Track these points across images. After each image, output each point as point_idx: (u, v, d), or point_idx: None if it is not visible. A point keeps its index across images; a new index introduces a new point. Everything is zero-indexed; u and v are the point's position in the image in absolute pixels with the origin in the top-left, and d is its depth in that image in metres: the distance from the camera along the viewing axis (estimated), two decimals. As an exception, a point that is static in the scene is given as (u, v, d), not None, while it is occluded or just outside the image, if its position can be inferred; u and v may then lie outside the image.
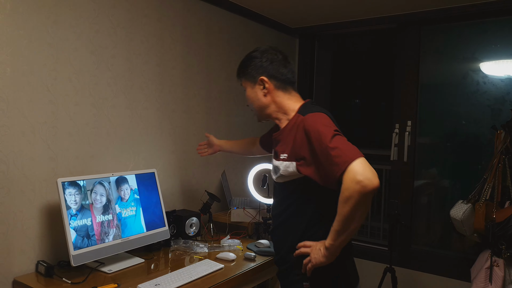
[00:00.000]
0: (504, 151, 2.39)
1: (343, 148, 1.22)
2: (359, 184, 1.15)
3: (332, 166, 1.22)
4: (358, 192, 1.16)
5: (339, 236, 1.24)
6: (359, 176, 1.15)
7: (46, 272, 1.69)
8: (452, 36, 3.04)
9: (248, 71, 1.50)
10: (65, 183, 1.69)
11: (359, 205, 1.17)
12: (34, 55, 1.74)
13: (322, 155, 1.25)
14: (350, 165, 1.17)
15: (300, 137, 1.33)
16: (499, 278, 2.28)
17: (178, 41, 2.43)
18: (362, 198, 1.16)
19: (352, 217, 1.20)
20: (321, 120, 1.32)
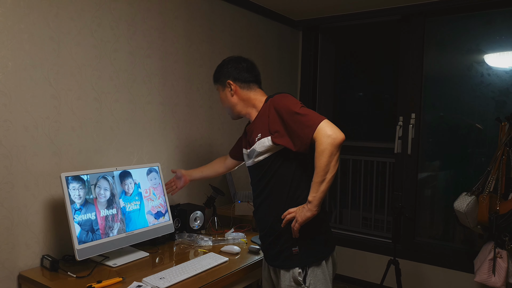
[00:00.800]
0: (508, 143, 2.39)
1: (310, 114, 1.49)
2: (330, 138, 1.43)
3: (305, 129, 1.47)
4: (330, 144, 1.43)
5: (319, 186, 1.47)
6: (328, 131, 1.43)
7: (51, 266, 1.69)
8: (456, 27, 3.02)
9: (218, 77, 1.77)
10: (69, 177, 1.69)
11: (332, 155, 1.43)
12: (36, 49, 1.73)
13: (294, 123, 1.50)
14: (319, 125, 1.45)
15: (272, 115, 1.58)
16: (502, 270, 2.28)
17: (181, 35, 2.41)
18: (334, 149, 1.43)
19: (327, 166, 1.44)
20: (287, 97, 1.61)
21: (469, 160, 3.02)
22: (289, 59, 3.49)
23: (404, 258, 3.04)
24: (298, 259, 1.57)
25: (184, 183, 2.18)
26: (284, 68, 3.44)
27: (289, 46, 3.49)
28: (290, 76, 3.53)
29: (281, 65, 3.38)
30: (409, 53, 3.07)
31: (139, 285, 1.56)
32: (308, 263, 1.57)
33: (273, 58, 3.29)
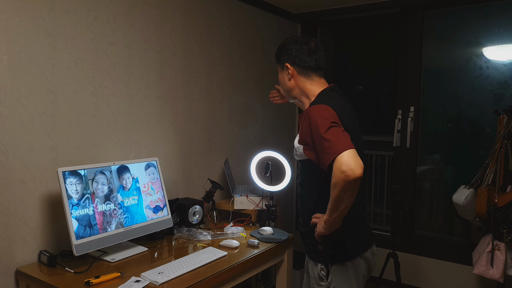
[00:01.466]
0: (506, 135, 2.38)
1: (334, 140, 1.38)
2: (343, 174, 1.33)
3: (324, 155, 1.40)
4: (342, 180, 1.33)
5: (332, 213, 1.43)
6: (343, 166, 1.33)
7: (48, 262, 1.69)
8: (455, 20, 3.00)
9: (278, 57, 1.69)
10: (66, 172, 1.68)
11: (344, 191, 1.35)
12: (31, 43, 1.71)
13: (318, 144, 1.43)
14: (338, 156, 1.34)
15: (306, 125, 1.49)
16: (500, 262, 2.29)
17: (178, 28, 2.39)
18: (347, 185, 1.34)
19: (340, 199, 1.38)
20: (321, 112, 1.46)
21: (468, 153, 3.02)
22: (287, 52, 3.46)
23: (403, 251, 3.05)
24: (322, 257, 1.60)
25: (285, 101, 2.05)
26: (282, 62, 3.42)
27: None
28: (288, 70, 3.51)
29: (279, 59, 3.35)
30: (408, 46, 3.05)
31: (138, 280, 1.55)
32: (330, 262, 1.60)
33: (272, 52, 3.26)
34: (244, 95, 2.98)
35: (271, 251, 2.02)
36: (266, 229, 2.15)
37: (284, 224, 3.52)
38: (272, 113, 3.32)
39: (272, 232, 2.15)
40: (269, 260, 2.05)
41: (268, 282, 2.69)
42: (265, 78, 3.21)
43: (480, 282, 2.83)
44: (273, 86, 3.36)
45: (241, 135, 2.97)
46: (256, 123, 3.13)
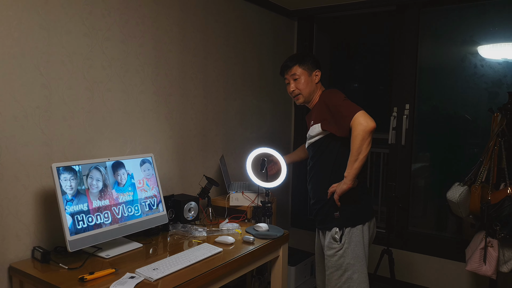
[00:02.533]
0: (500, 133, 2.40)
1: (350, 105, 1.87)
2: (361, 125, 1.78)
3: (344, 118, 1.85)
4: (362, 130, 1.78)
5: (353, 164, 1.83)
6: (361, 120, 1.79)
7: (42, 258, 1.67)
8: (450, 18, 3.01)
9: (308, 62, 2.08)
10: (60, 168, 1.66)
11: (363, 140, 1.79)
12: (25, 37, 1.69)
13: (336, 113, 1.89)
14: (356, 114, 1.80)
15: (323, 105, 1.97)
16: (493, 258, 2.30)
17: (175, 24, 2.38)
18: (365, 134, 1.78)
19: (360, 148, 1.80)
20: (335, 91, 2.01)
21: (462, 151, 3.04)
22: (283, 49, 3.46)
23: (397, 248, 3.07)
24: (337, 221, 1.96)
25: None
26: (279, 59, 3.41)
27: (284, 36, 3.47)
28: (284, 67, 3.50)
29: (275, 55, 3.35)
30: (403, 44, 3.06)
31: (132, 276, 1.55)
32: (345, 225, 1.95)
33: (268, 48, 3.26)
34: (240, 91, 2.97)
35: (266, 248, 2.02)
36: (261, 226, 2.15)
37: (279, 220, 3.52)
38: (268, 109, 3.32)
39: (268, 228, 2.15)
40: (264, 256, 2.05)
41: (263, 278, 2.69)
42: (261, 75, 3.20)
43: (473, 278, 2.85)
44: (270, 82, 3.36)
45: (237, 131, 2.97)
46: (252, 119, 3.12)
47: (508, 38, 2.79)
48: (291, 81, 2.09)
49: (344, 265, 1.93)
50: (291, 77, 2.09)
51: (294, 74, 2.07)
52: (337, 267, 1.94)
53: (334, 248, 1.94)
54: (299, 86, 2.07)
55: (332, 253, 1.95)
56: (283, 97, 3.52)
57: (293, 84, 2.09)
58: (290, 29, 3.55)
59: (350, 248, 1.93)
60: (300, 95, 2.08)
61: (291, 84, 2.09)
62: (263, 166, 2.37)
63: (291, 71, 2.08)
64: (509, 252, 2.32)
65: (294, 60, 2.08)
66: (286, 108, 3.58)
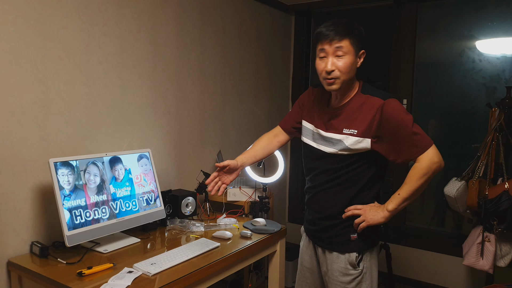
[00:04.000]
0: (498, 128, 2.40)
1: (423, 134, 1.50)
2: (435, 164, 1.48)
3: (412, 148, 1.48)
4: (433, 170, 1.48)
5: (404, 202, 1.53)
6: (436, 158, 1.48)
7: (40, 253, 1.68)
8: (449, 13, 3.00)
9: (359, 39, 1.54)
10: (58, 163, 1.66)
11: (429, 179, 1.50)
12: (21, 32, 1.68)
13: (404, 137, 1.48)
14: (430, 148, 1.48)
15: (381, 120, 1.50)
16: (490, 253, 2.32)
17: (171, 18, 2.37)
18: (433, 175, 1.49)
19: (421, 188, 1.51)
20: (400, 106, 1.53)
21: (460, 145, 3.04)
22: (281, 44, 3.46)
23: (394, 242, 3.08)
24: (356, 245, 1.62)
25: (236, 175, 1.75)
26: (276, 53, 3.41)
27: (282, 30, 3.46)
28: (282, 61, 3.50)
29: (273, 50, 3.34)
30: (401, 39, 3.05)
31: (130, 271, 1.55)
32: (365, 249, 1.64)
33: (265, 43, 3.25)
34: (237, 86, 2.97)
35: (264, 242, 2.03)
36: (259, 221, 2.16)
37: (276, 215, 3.53)
38: (265, 104, 3.31)
39: (265, 223, 2.15)
40: (261, 251, 2.06)
41: (260, 273, 2.70)
42: (258, 70, 3.20)
43: (470, 273, 2.87)
44: (266, 78, 3.35)
45: (234, 126, 2.97)
46: (249, 114, 3.12)
47: (506, 32, 2.79)
48: (331, 56, 1.49)
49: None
50: (334, 50, 1.49)
51: (341, 47, 1.48)
52: None
53: (352, 274, 1.62)
54: (341, 66, 1.49)
55: (349, 279, 1.63)
56: (281, 92, 3.52)
57: (334, 60, 1.49)
58: (288, 24, 3.54)
59: (368, 273, 1.64)
60: (338, 79, 1.51)
61: (331, 59, 1.49)
62: (260, 161, 2.37)
63: (338, 42, 1.48)
64: (506, 247, 2.33)
65: (344, 30, 1.48)
66: (284, 103, 3.58)
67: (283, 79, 3.53)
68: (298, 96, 3.74)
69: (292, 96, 3.62)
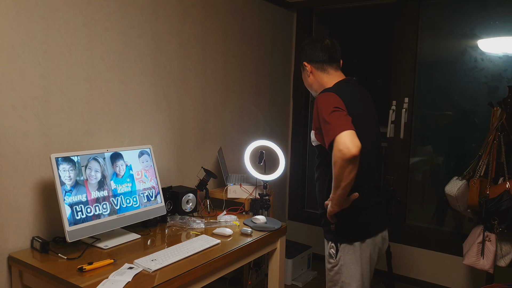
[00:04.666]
0: (499, 128, 2.39)
1: (334, 123, 1.50)
2: (340, 152, 1.45)
3: (325, 137, 1.53)
4: (339, 158, 1.46)
5: (336, 191, 1.55)
6: (340, 145, 1.45)
7: (41, 248, 1.68)
8: (451, 12, 2.99)
9: (299, 57, 1.82)
10: (59, 158, 1.66)
11: (342, 168, 1.47)
12: (24, 27, 1.68)
13: (322, 127, 1.55)
14: (336, 137, 1.47)
15: (315, 111, 1.63)
16: (490, 253, 2.31)
17: (173, 15, 2.36)
18: (344, 163, 1.46)
19: (340, 176, 1.49)
20: (326, 98, 1.59)
21: (461, 145, 3.04)
22: (283, 41, 3.45)
23: (395, 241, 3.08)
24: (333, 235, 1.72)
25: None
26: (278, 51, 3.40)
27: (283, 28, 3.45)
28: (285, 59, 3.49)
29: (274, 48, 3.34)
30: (403, 37, 3.04)
31: (131, 267, 1.56)
32: (339, 241, 1.70)
33: (267, 40, 3.25)
34: (238, 83, 2.96)
35: (264, 240, 2.03)
36: (259, 218, 2.16)
37: (277, 213, 3.53)
38: (267, 102, 3.31)
39: (265, 221, 2.16)
40: (261, 249, 2.06)
41: (260, 271, 2.71)
42: (259, 67, 3.19)
43: (470, 272, 2.87)
44: (267, 75, 3.35)
45: (236, 123, 2.97)
46: (250, 112, 3.12)
47: (509, 31, 2.78)
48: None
49: (339, 282, 1.73)
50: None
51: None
52: (334, 283, 1.76)
53: (331, 263, 1.74)
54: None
55: (329, 267, 1.75)
56: (282, 90, 3.52)
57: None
58: (289, 21, 3.53)
59: (345, 266, 1.70)
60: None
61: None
62: (261, 159, 2.37)
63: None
64: (506, 246, 2.33)
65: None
66: (285, 100, 3.58)
67: (284, 76, 3.52)
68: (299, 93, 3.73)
69: (293, 93, 3.62)
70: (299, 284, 3.04)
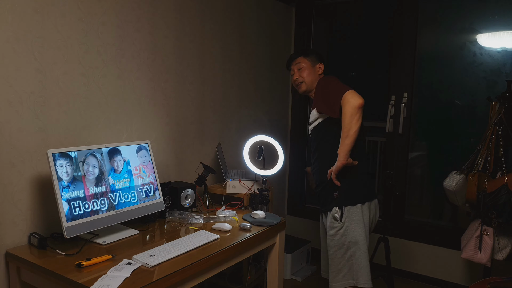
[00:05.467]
0: (498, 122, 2.39)
1: (340, 86, 1.99)
2: (350, 102, 1.90)
3: (334, 98, 1.96)
4: (350, 107, 1.90)
5: (344, 141, 1.93)
6: (350, 98, 1.91)
7: (39, 244, 1.67)
8: (450, 6, 2.98)
9: (314, 54, 2.22)
10: (56, 154, 1.65)
11: (352, 116, 1.90)
12: (19, 21, 1.66)
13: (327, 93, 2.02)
14: (344, 93, 1.93)
15: (317, 90, 2.12)
16: (488, 246, 2.32)
17: (171, 9, 2.34)
18: (353, 111, 1.90)
19: (349, 124, 1.91)
20: (328, 77, 2.14)
21: (460, 139, 3.04)
22: (281, 35, 3.43)
23: (393, 235, 3.08)
24: (337, 201, 2.03)
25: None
26: (277, 45, 3.38)
27: (282, 22, 3.43)
28: (284, 53, 3.47)
29: (273, 42, 3.32)
30: (402, 32, 3.03)
31: (129, 263, 1.55)
32: (344, 203, 2.02)
33: (266, 35, 3.23)
34: (237, 78, 2.95)
35: (263, 235, 2.02)
36: (258, 213, 2.16)
37: (276, 208, 3.53)
38: (266, 97, 3.30)
39: (264, 216, 2.15)
40: (261, 244, 2.06)
41: (259, 265, 2.71)
42: (258, 61, 3.18)
43: (467, 266, 2.88)
44: (267, 68, 3.34)
45: (234, 119, 2.95)
46: (249, 107, 3.11)
47: (508, 26, 2.77)
48: (296, 70, 2.21)
49: (346, 243, 2.00)
50: (296, 67, 2.21)
51: (299, 63, 2.19)
52: (340, 246, 2.01)
53: (335, 227, 2.01)
54: (302, 75, 2.18)
55: (334, 232, 2.02)
56: (281, 85, 3.50)
57: (297, 73, 2.21)
58: (288, 16, 3.51)
59: (351, 227, 2.00)
60: (303, 83, 2.18)
61: (296, 73, 2.21)
62: (260, 154, 2.36)
63: (296, 61, 2.22)
64: (504, 240, 2.34)
65: (299, 52, 2.24)
66: (284, 95, 3.56)
67: (283, 71, 3.50)
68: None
69: (292, 88, 3.61)
70: (298, 279, 3.05)
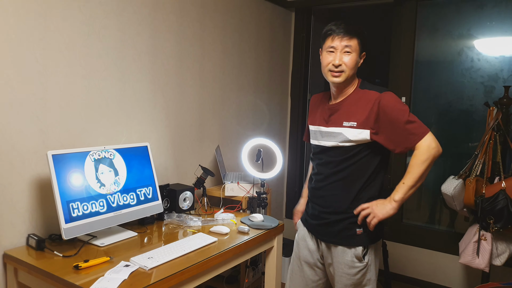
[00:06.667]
0: (495, 127, 2.41)
1: (419, 122, 1.61)
2: (433, 150, 1.57)
3: (410, 136, 1.58)
4: (433, 155, 1.58)
5: (409, 190, 1.60)
6: (434, 143, 1.58)
7: (37, 245, 1.68)
8: (448, 12, 3.00)
9: (365, 40, 1.74)
10: (56, 155, 1.66)
11: (429, 166, 1.59)
12: (22, 23, 1.67)
13: (401, 127, 1.59)
14: (426, 135, 1.58)
15: (378, 111, 1.62)
16: (486, 252, 2.33)
17: (172, 12, 2.36)
18: (433, 160, 1.59)
19: (424, 174, 1.59)
20: (396, 98, 1.65)
21: (458, 144, 3.05)
22: (281, 40, 3.45)
23: (391, 240, 3.09)
24: (362, 239, 1.70)
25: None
26: (276, 49, 3.40)
27: (282, 27, 3.45)
28: (282, 58, 3.50)
29: (273, 46, 3.34)
30: (401, 37, 3.05)
31: (127, 265, 1.55)
32: (370, 243, 1.72)
33: (265, 39, 3.25)
34: (236, 82, 2.96)
35: (261, 238, 2.03)
36: (256, 216, 2.16)
37: (274, 211, 3.54)
38: (265, 100, 3.31)
39: (263, 219, 2.16)
40: (259, 247, 2.06)
41: (257, 269, 2.71)
42: (258, 65, 3.19)
43: (466, 271, 2.88)
44: (266, 73, 3.35)
45: (233, 122, 2.97)
46: (248, 110, 3.12)
47: (505, 32, 2.79)
48: (340, 52, 1.66)
49: (364, 281, 1.73)
50: (343, 47, 1.66)
51: (350, 46, 1.66)
52: (357, 284, 1.74)
53: (358, 267, 1.70)
54: (347, 61, 1.66)
55: (355, 271, 1.71)
56: (280, 88, 3.52)
57: (341, 56, 1.66)
58: (287, 20, 3.53)
59: (372, 265, 1.74)
60: (343, 72, 1.66)
61: (339, 55, 1.66)
62: (258, 157, 2.37)
63: (347, 41, 1.66)
64: (502, 246, 2.34)
65: (354, 30, 1.67)
66: (283, 99, 3.58)
67: (282, 75, 3.53)
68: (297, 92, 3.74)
69: (291, 92, 3.62)
70: (295, 283, 3.04)
